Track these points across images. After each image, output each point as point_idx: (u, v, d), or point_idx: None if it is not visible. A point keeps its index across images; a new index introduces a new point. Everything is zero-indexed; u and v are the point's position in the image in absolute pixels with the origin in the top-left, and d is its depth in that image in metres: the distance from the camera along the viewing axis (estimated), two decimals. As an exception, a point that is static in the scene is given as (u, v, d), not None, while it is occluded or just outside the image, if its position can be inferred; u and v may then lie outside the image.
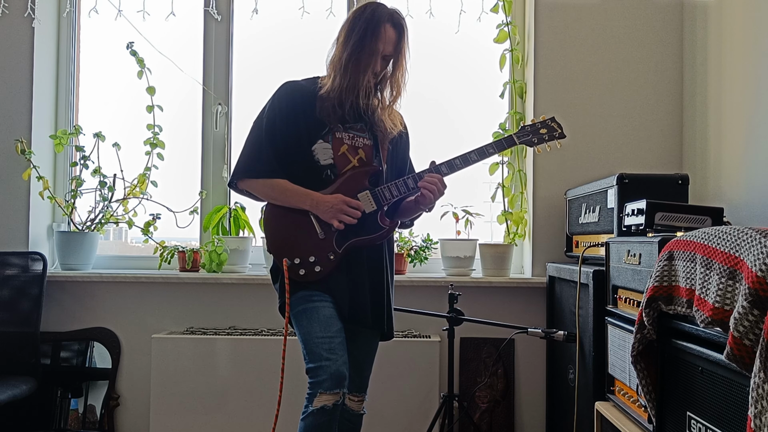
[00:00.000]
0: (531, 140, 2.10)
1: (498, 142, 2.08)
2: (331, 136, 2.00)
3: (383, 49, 1.97)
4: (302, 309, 1.93)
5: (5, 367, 2.68)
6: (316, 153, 1.99)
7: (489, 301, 2.82)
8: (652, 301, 1.46)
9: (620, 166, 2.73)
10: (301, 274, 1.94)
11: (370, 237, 1.99)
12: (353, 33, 1.95)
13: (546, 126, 2.12)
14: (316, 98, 2.01)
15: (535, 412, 2.82)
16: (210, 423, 2.65)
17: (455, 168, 2.04)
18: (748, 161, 2.24)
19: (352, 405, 2.04)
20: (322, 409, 1.81)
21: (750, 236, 1.14)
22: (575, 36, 2.80)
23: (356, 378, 2.04)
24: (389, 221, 2.04)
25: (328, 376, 1.82)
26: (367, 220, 1.99)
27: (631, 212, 1.85)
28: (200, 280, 2.87)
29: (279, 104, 2.02)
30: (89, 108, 3.17)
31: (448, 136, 3.05)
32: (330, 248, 1.95)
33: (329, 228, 1.96)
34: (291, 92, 2.03)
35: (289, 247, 1.96)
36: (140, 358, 2.88)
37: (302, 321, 1.92)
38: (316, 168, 1.99)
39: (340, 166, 2.00)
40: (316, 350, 1.86)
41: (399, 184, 2.00)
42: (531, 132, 2.11)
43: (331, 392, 1.81)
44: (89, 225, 2.99)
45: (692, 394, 1.37)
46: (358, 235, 1.98)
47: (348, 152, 2.01)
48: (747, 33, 2.27)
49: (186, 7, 3.09)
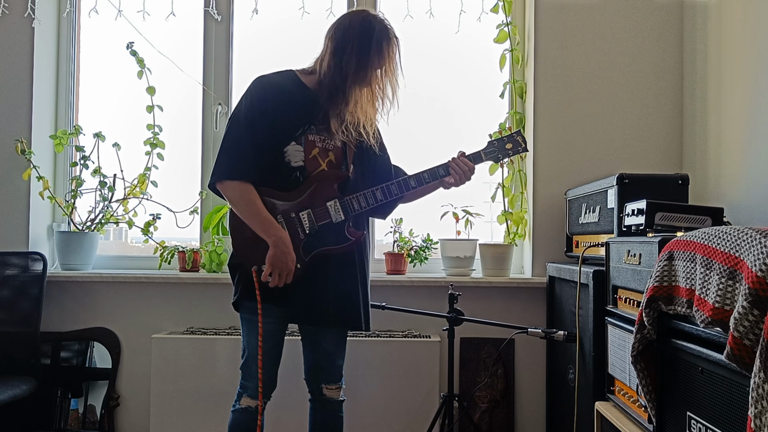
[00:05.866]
0: (497, 156, 2.15)
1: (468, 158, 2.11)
2: (303, 138, 2.00)
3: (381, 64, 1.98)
4: (248, 318, 2.03)
5: (5, 367, 2.68)
6: (288, 154, 1.99)
7: (489, 301, 2.82)
8: (652, 301, 1.46)
9: (620, 166, 2.73)
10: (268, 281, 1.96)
11: (337, 247, 2.02)
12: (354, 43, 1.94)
13: (512, 140, 2.15)
14: (298, 96, 2.00)
15: (535, 412, 2.82)
16: (210, 423, 2.65)
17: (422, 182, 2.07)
18: (748, 161, 2.24)
19: (330, 394, 2.11)
20: (246, 410, 2.03)
21: (750, 236, 1.14)
22: (575, 36, 2.80)
23: (330, 368, 2.10)
24: (357, 232, 2.05)
25: (255, 385, 2.01)
26: (335, 230, 2.01)
27: (631, 212, 1.85)
28: (200, 280, 2.87)
29: (258, 102, 1.98)
30: (89, 108, 3.17)
31: (447, 137, 3.05)
32: (297, 257, 1.97)
33: (297, 236, 1.97)
34: (267, 89, 1.99)
35: (257, 254, 1.96)
36: (140, 358, 2.89)
37: (245, 328, 2.05)
38: (286, 169, 1.98)
39: (309, 168, 2.00)
40: (251, 359, 2.02)
41: (368, 195, 2.02)
42: (497, 148, 2.15)
43: (254, 399, 2.02)
44: (89, 225, 2.99)
45: (692, 394, 1.37)
46: (324, 245, 2.00)
47: (319, 155, 2.01)
48: (747, 33, 2.27)
49: (186, 7, 3.09)
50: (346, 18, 2.01)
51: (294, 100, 2.00)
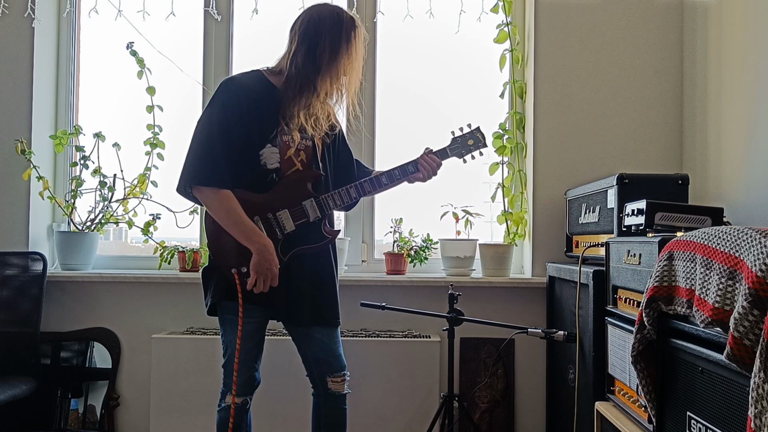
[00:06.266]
0: (461, 152, 2.18)
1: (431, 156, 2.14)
2: (278, 139, 1.99)
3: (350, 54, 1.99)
4: (229, 319, 2.01)
5: (5, 367, 2.68)
6: (264, 157, 1.98)
7: (489, 301, 2.82)
8: (652, 301, 1.46)
9: (620, 166, 2.73)
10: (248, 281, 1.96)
11: (314, 246, 2.03)
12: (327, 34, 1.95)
13: (473, 136, 2.19)
14: (266, 97, 1.99)
15: (535, 412, 2.82)
16: (210, 423, 2.64)
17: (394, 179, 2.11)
18: (748, 161, 2.24)
19: (335, 387, 2.10)
20: (229, 407, 2.01)
21: (750, 236, 1.14)
22: (575, 36, 2.80)
23: (331, 360, 2.10)
24: (333, 230, 2.08)
25: (238, 383, 2.01)
26: (311, 229, 2.02)
27: (631, 212, 1.85)
28: (200, 280, 2.86)
29: (230, 104, 1.95)
30: (89, 108, 3.17)
31: (447, 137, 3.04)
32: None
33: (274, 236, 1.98)
34: (239, 92, 1.97)
35: (235, 255, 1.96)
36: (140, 358, 2.89)
37: (226, 328, 2.03)
38: (262, 172, 1.98)
39: (284, 169, 2.00)
40: (232, 359, 2.01)
41: (342, 194, 2.04)
42: (460, 144, 2.18)
43: (238, 396, 2.02)
44: (89, 225, 2.99)
45: (692, 394, 1.37)
46: (302, 244, 2.02)
47: (293, 156, 2.01)
48: (747, 33, 2.27)
49: (186, 7, 3.09)
50: (313, 11, 2.01)
51: (265, 102, 1.99)
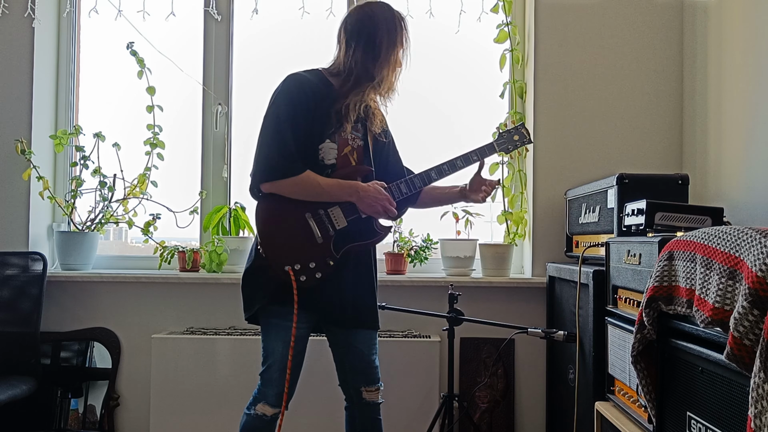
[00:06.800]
0: (507, 147, 2.19)
1: (480, 150, 2.14)
2: (337, 135, 1.99)
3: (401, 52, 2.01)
4: (275, 323, 1.96)
5: (5, 367, 2.68)
6: (323, 152, 1.97)
7: (489, 301, 2.82)
8: (652, 301, 1.46)
9: (620, 166, 2.73)
10: (302, 280, 1.92)
11: (367, 242, 2.02)
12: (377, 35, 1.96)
13: (518, 132, 2.20)
14: (328, 95, 1.98)
15: (535, 412, 2.82)
16: (210, 423, 2.65)
17: (443, 173, 2.10)
18: (748, 161, 2.24)
19: (369, 397, 2.08)
20: (260, 417, 1.95)
21: (750, 236, 1.14)
22: (575, 36, 2.80)
23: (368, 370, 2.07)
24: (385, 226, 2.06)
25: (275, 394, 1.95)
26: (364, 224, 2.00)
27: (631, 212, 1.85)
28: (200, 280, 2.87)
29: (297, 98, 1.94)
30: (89, 108, 3.18)
31: (447, 136, 3.05)
32: (328, 253, 1.95)
33: (327, 233, 1.95)
34: (303, 86, 1.96)
35: (289, 252, 1.93)
36: (140, 358, 2.89)
37: (270, 334, 1.97)
38: (320, 167, 1.96)
39: (340, 166, 1.99)
40: (273, 366, 1.95)
41: (393, 188, 2.03)
42: (506, 140, 2.19)
43: (272, 406, 1.95)
44: (89, 225, 2.99)
45: (692, 394, 1.37)
46: (355, 240, 1.99)
47: (349, 153, 2.01)
48: (747, 33, 2.27)
49: (186, 7, 3.09)
50: (364, 9, 2.01)
51: (326, 99, 1.98)
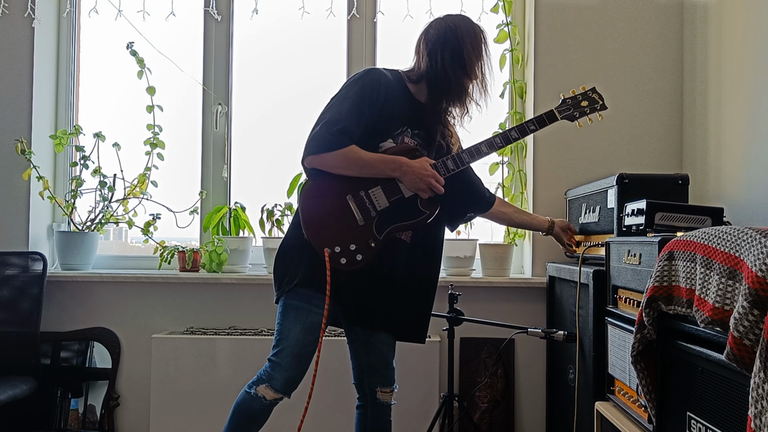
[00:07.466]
0: (573, 114, 2.05)
1: (539, 118, 2.04)
2: (400, 138, 1.98)
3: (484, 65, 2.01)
4: (296, 305, 1.92)
5: (5, 367, 2.68)
6: (382, 149, 1.95)
7: (489, 301, 2.82)
8: (652, 301, 1.46)
9: (620, 166, 2.73)
10: (343, 263, 1.90)
11: (410, 222, 1.96)
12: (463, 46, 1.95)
13: (587, 98, 2.07)
14: (402, 98, 1.98)
15: (535, 412, 2.82)
16: (210, 423, 2.65)
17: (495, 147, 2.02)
18: (748, 161, 2.24)
19: (383, 397, 2.07)
20: (259, 399, 1.89)
21: (750, 236, 1.14)
22: (575, 36, 2.80)
23: (384, 371, 2.07)
24: (431, 205, 1.97)
25: (282, 379, 1.89)
26: (407, 205, 1.96)
27: (631, 212, 1.85)
28: (200, 280, 2.87)
29: (369, 90, 1.93)
30: (89, 108, 3.18)
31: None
32: (370, 235, 1.92)
33: (368, 214, 1.92)
34: (381, 81, 1.95)
35: (329, 234, 1.90)
36: (140, 358, 2.89)
37: (289, 316, 1.92)
38: None
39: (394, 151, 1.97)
40: (286, 350, 1.90)
41: (439, 165, 1.95)
42: (572, 105, 2.06)
43: (275, 391, 1.89)
44: (89, 225, 2.99)
45: (692, 394, 1.37)
46: (398, 221, 1.95)
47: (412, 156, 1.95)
48: (747, 33, 2.27)
49: (186, 7, 3.09)
50: (445, 21, 2.00)
51: (400, 101, 1.98)
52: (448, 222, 2.22)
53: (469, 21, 2.03)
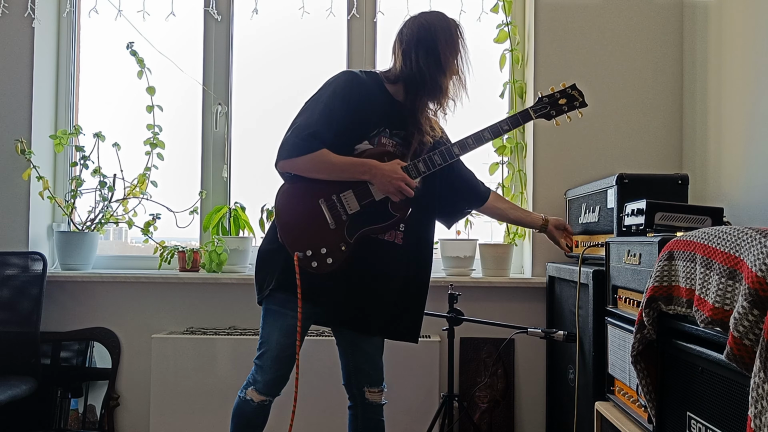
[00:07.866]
0: (549, 113, 2.01)
1: (513, 118, 2.00)
2: (377, 138, 1.97)
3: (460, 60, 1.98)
4: (274, 310, 1.95)
5: (5, 367, 2.68)
6: (358, 152, 1.95)
7: (489, 301, 2.82)
8: (652, 301, 1.46)
9: (620, 166, 2.73)
10: (314, 266, 1.90)
11: (380, 225, 1.95)
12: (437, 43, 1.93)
13: (566, 95, 2.04)
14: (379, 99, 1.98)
15: (535, 412, 2.82)
16: (210, 423, 2.65)
17: (467, 148, 2.00)
18: (748, 161, 2.24)
19: (372, 397, 2.08)
20: (248, 401, 1.97)
21: (750, 236, 1.14)
22: (575, 36, 2.80)
23: (372, 372, 2.07)
24: (402, 207, 1.96)
25: (263, 381, 1.96)
26: (379, 208, 1.95)
27: (631, 212, 1.85)
28: (200, 280, 2.87)
29: (342, 92, 1.93)
30: (89, 108, 3.18)
31: (448, 136, 3.04)
32: (342, 239, 1.92)
33: (340, 217, 1.93)
34: (354, 83, 1.95)
35: (302, 238, 1.91)
36: (140, 358, 2.89)
37: (268, 320, 1.97)
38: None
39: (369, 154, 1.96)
40: (267, 353, 1.96)
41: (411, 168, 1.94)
42: (549, 104, 2.02)
43: (260, 393, 1.96)
44: (89, 225, 2.99)
45: (692, 394, 1.37)
46: (369, 224, 1.94)
47: (386, 159, 1.95)
48: (747, 33, 2.27)
49: (186, 7, 3.09)
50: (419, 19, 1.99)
51: (377, 102, 1.97)
52: (445, 219, 2.23)
53: (442, 17, 2.01)
